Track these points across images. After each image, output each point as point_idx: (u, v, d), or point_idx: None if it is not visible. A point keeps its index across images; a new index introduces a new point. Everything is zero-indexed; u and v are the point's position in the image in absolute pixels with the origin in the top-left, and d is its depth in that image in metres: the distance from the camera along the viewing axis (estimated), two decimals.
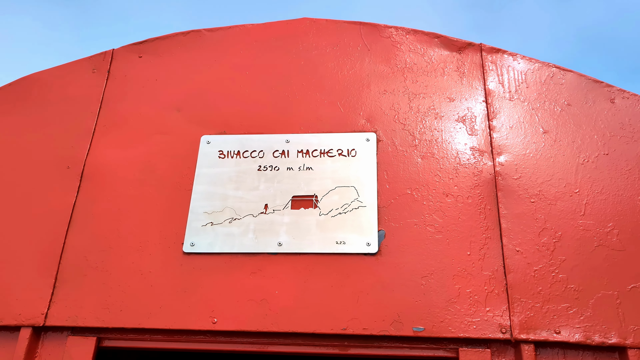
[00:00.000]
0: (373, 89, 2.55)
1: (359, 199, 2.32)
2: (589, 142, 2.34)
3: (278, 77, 2.65)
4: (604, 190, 2.23)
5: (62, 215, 2.38)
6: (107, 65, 2.73)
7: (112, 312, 2.19)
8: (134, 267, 2.26)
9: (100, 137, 2.56)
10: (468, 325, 2.04)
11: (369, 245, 2.21)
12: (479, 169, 2.31)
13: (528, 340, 2.00)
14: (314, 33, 2.74)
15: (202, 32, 2.79)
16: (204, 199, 2.39)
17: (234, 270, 2.23)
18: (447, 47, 2.61)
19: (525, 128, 2.38)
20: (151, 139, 2.53)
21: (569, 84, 2.47)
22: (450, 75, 2.54)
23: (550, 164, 2.30)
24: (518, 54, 2.56)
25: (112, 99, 2.65)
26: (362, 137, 2.44)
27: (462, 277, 2.11)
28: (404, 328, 2.05)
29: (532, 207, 2.21)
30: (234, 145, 2.50)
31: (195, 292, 2.19)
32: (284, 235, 2.27)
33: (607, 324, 2.02)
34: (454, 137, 2.39)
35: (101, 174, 2.46)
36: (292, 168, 2.42)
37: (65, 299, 2.22)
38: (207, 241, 2.29)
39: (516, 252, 2.14)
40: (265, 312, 2.13)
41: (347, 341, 2.11)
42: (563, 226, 2.18)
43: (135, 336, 2.19)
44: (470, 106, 2.45)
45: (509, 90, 2.47)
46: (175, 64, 2.72)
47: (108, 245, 2.32)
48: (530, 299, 2.06)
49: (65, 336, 2.20)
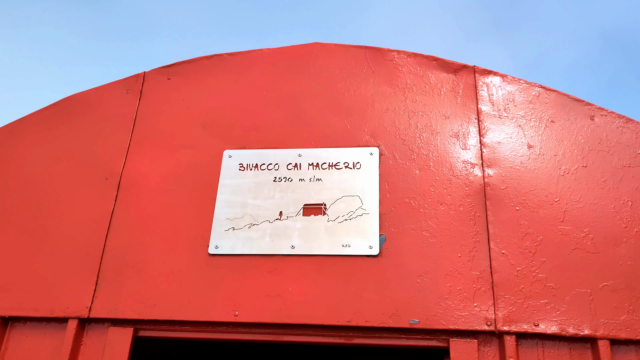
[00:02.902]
0: (377, 108, 2.84)
1: (363, 207, 2.61)
2: (569, 156, 2.61)
3: (291, 96, 2.95)
4: (581, 199, 2.50)
5: (102, 221, 2.71)
6: (139, 86, 3.06)
7: (147, 306, 2.51)
8: (166, 267, 2.58)
9: (134, 151, 2.88)
10: (458, 319, 2.32)
11: (371, 248, 2.50)
12: (470, 180, 2.59)
13: (510, 332, 2.28)
14: (324, 56, 3.04)
15: (223, 56, 3.10)
16: (226, 206, 2.70)
17: (252, 270, 2.53)
18: (443, 69, 2.89)
19: (513, 143, 2.65)
20: (179, 152, 2.85)
21: (552, 102, 2.73)
22: (446, 95, 2.82)
23: (534, 176, 2.57)
24: (508, 75, 2.84)
25: (144, 117, 2.97)
26: (366, 151, 2.74)
27: (453, 276, 2.40)
28: (401, 321, 2.34)
29: (516, 214, 2.49)
30: (252, 158, 2.81)
31: (219, 289, 2.50)
32: (297, 239, 2.57)
33: (580, 318, 2.29)
34: (449, 152, 2.68)
35: (136, 184, 2.79)
36: (304, 179, 2.72)
37: (106, 294, 2.55)
38: (229, 244, 2.60)
39: (502, 254, 2.42)
40: (280, 306, 2.44)
41: (352, 332, 2.40)
42: (544, 231, 2.45)
43: (167, 327, 2.51)
44: (463, 123, 2.73)
45: (499, 109, 2.74)
46: (200, 85, 3.03)
47: (143, 248, 2.64)
48: (513, 295, 2.34)
49: (107, 327, 2.53)
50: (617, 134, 2.64)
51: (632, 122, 2.66)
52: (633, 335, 2.24)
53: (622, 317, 2.28)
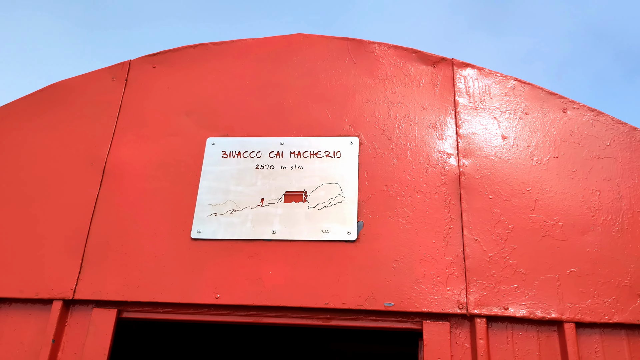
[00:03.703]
0: (357, 98, 2.92)
1: (342, 194, 2.69)
2: (542, 147, 2.70)
3: (274, 86, 3.01)
4: (552, 189, 2.60)
5: (87, 205, 2.77)
6: (125, 74, 3.11)
7: (131, 288, 2.57)
8: (149, 251, 2.64)
9: (119, 137, 2.93)
10: (431, 302, 2.42)
11: (349, 234, 2.58)
12: (446, 169, 2.68)
13: (481, 315, 2.38)
14: (307, 47, 3.10)
15: (208, 45, 3.16)
16: (209, 193, 2.77)
17: (234, 254, 2.61)
18: (423, 61, 2.97)
19: (488, 134, 2.74)
20: (164, 140, 2.91)
21: (527, 95, 2.83)
22: (425, 87, 2.90)
23: (507, 166, 2.66)
24: (485, 68, 2.92)
25: (129, 104, 3.02)
26: (346, 140, 2.81)
27: (428, 261, 2.49)
28: (377, 303, 2.43)
29: (490, 203, 2.59)
30: (235, 146, 2.88)
31: (201, 272, 2.57)
32: (278, 225, 2.65)
33: (548, 302, 2.39)
34: (426, 142, 2.76)
35: (120, 170, 2.84)
36: (285, 167, 2.79)
37: (90, 276, 2.61)
38: (211, 229, 2.67)
39: (474, 241, 2.51)
40: (260, 289, 2.51)
41: (329, 314, 2.49)
42: (515, 219, 2.55)
43: (150, 309, 2.58)
44: (441, 114, 2.82)
45: (475, 101, 2.83)
46: (185, 74, 3.09)
47: (127, 232, 2.70)
48: (484, 280, 2.44)
49: (91, 308, 2.59)
50: (587, 126, 2.74)
51: (602, 115, 2.76)
52: (597, 318, 2.35)
53: (587, 302, 2.38)
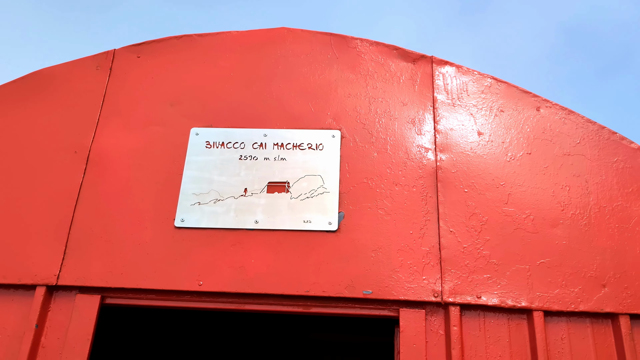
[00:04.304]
0: (339, 92, 2.99)
1: (324, 185, 2.76)
2: (516, 144, 2.82)
3: (258, 78, 3.07)
4: (524, 184, 2.72)
5: (71, 192, 2.79)
6: (109, 63, 3.12)
7: (114, 275, 2.61)
8: (133, 238, 2.68)
9: (103, 126, 2.96)
10: (407, 290, 2.51)
11: (331, 224, 2.66)
12: (424, 163, 2.78)
13: (455, 303, 2.49)
14: (291, 41, 3.16)
15: (193, 36, 3.19)
16: (192, 182, 2.82)
17: (217, 242, 2.67)
18: (403, 58, 3.05)
19: (464, 130, 2.85)
20: (148, 129, 2.94)
21: (503, 93, 2.94)
22: (405, 83, 2.99)
23: (482, 161, 2.77)
24: (463, 66, 3.02)
25: (113, 93, 3.04)
26: (328, 133, 2.89)
27: (405, 251, 2.59)
28: (355, 291, 2.52)
29: (465, 196, 2.69)
30: (219, 137, 2.93)
31: (185, 260, 2.62)
32: (260, 214, 2.72)
33: (518, 291, 2.51)
34: (405, 136, 2.85)
35: (105, 159, 2.87)
36: (269, 158, 2.85)
37: (74, 263, 2.64)
38: (195, 218, 2.72)
39: (450, 232, 2.61)
40: (243, 277, 2.58)
41: (310, 302, 2.57)
42: (489, 212, 2.66)
43: (134, 295, 2.63)
44: (420, 110, 2.91)
45: (453, 98, 2.93)
46: (169, 64, 3.12)
47: (110, 219, 2.73)
48: (458, 270, 2.54)
49: (74, 294, 2.62)
50: (559, 124, 2.86)
51: (574, 114, 2.88)
52: (564, 307, 2.48)
53: (556, 291, 2.51)
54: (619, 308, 2.48)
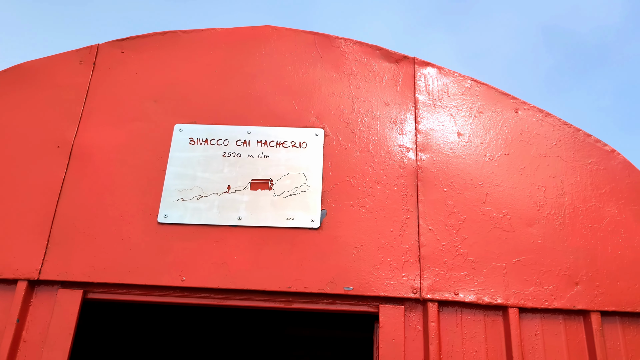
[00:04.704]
0: (323, 91, 3.03)
1: (307, 183, 2.80)
2: (494, 144, 2.89)
3: (243, 76, 3.09)
4: (502, 184, 2.79)
5: (54, 187, 2.79)
6: (92, 58, 3.12)
7: (97, 270, 2.62)
8: (116, 234, 2.69)
9: (86, 121, 2.95)
10: (387, 287, 2.57)
11: (313, 222, 2.70)
12: (405, 162, 2.83)
13: (433, 300, 2.55)
14: (275, 39, 3.19)
15: (177, 33, 3.20)
16: (176, 178, 2.83)
17: (200, 239, 2.69)
18: (386, 58, 3.10)
19: (444, 131, 2.91)
20: (131, 125, 2.95)
21: (482, 95, 3.00)
22: (387, 83, 3.04)
23: (461, 161, 2.84)
24: (444, 68, 3.08)
25: (97, 88, 3.04)
26: (312, 132, 2.93)
27: (385, 248, 2.64)
28: (337, 287, 2.56)
29: (444, 195, 2.75)
30: (202, 133, 2.95)
31: (168, 255, 2.64)
32: (243, 211, 2.75)
33: (495, 288, 2.58)
34: (387, 136, 2.90)
35: (88, 154, 2.87)
36: (252, 155, 2.88)
37: (56, 258, 2.64)
38: (178, 214, 2.74)
39: (429, 230, 2.68)
40: (226, 273, 2.61)
41: (291, 297, 2.61)
42: (467, 211, 2.73)
43: (116, 290, 2.64)
44: (401, 110, 2.96)
45: (434, 99, 2.99)
46: (153, 60, 3.12)
47: (93, 215, 2.74)
48: (437, 267, 2.61)
49: (56, 289, 2.62)
50: (537, 126, 2.94)
51: (551, 117, 2.96)
52: (538, 304, 2.56)
53: (530, 289, 2.59)
54: (590, 305, 2.57)
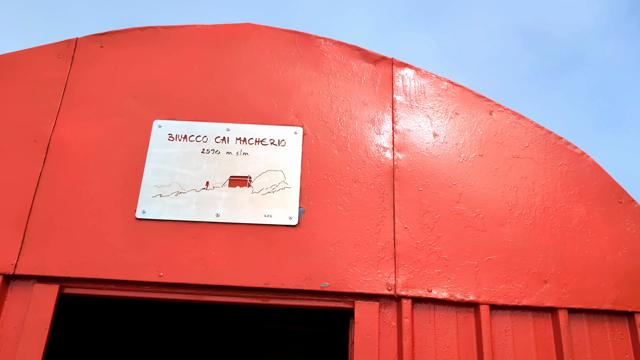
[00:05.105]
0: (302, 90, 3.06)
1: (285, 181, 2.84)
2: (468, 145, 2.96)
3: (222, 73, 3.11)
4: (475, 184, 2.86)
5: (30, 181, 2.77)
6: (71, 52, 3.10)
7: (74, 265, 2.62)
8: (93, 229, 2.69)
9: (64, 115, 2.94)
10: (363, 284, 2.62)
11: (291, 219, 2.74)
12: (382, 162, 2.89)
13: (407, 296, 2.61)
14: (256, 37, 3.21)
15: (157, 28, 3.20)
16: (154, 174, 2.84)
17: (178, 234, 2.71)
18: (365, 58, 3.15)
19: (421, 131, 2.97)
20: (110, 120, 2.94)
21: (458, 96, 3.07)
22: (366, 83, 3.08)
23: (437, 161, 2.90)
24: (421, 69, 3.14)
25: (75, 82, 3.02)
26: (291, 130, 2.96)
27: (361, 246, 2.69)
28: (313, 284, 2.61)
29: (419, 194, 2.81)
30: (181, 130, 2.96)
31: (145, 251, 2.66)
32: (222, 208, 2.77)
33: (467, 286, 2.65)
34: (365, 135, 2.95)
35: (65, 148, 2.86)
36: (231, 152, 2.90)
37: (32, 252, 2.63)
38: (156, 209, 2.75)
39: (404, 229, 2.73)
40: (203, 269, 2.63)
41: (268, 294, 2.65)
42: (442, 210, 2.79)
43: (93, 285, 2.64)
44: (379, 110, 3.02)
45: (411, 100, 3.05)
46: (133, 55, 3.12)
47: (70, 210, 2.73)
48: (411, 265, 2.67)
49: (32, 284, 2.62)
50: (510, 128, 3.02)
51: (524, 119, 3.04)
52: (508, 301, 2.64)
53: (501, 286, 2.66)
54: (558, 303, 2.66)
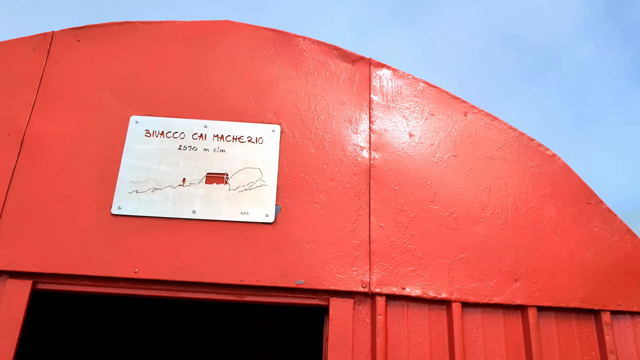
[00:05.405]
0: (280, 88, 3.08)
1: (262, 178, 2.85)
2: (443, 146, 3.01)
3: (200, 69, 3.11)
4: (449, 184, 2.92)
5: (3, 176, 2.74)
6: (47, 45, 3.07)
7: (47, 260, 2.60)
8: (68, 224, 2.68)
9: (39, 109, 2.91)
10: (338, 281, 2.65)
11: (267, 216, 2.76)
12: (359, 161, 2.92)
13: (381, 294, 2.65)
14: (234, 34, 3.22)
15: (136, 24, 3.18)
16: (130, 170, 2.83)
17: (154, 231, 2.70)
18: (343, 58, 3.18)
19: (397, 131, 3.01)
20: (86, 115, 2.92)
21: (434, 97, 3.12)
22: (343, 83, 3.12)
23: (412, 161, 2.95)
24: (398, 70, 3.18)
25: (51, 76, 3.00)
26: (268, 128, 2.97)
27: (337, 244, 2.72)
28: (289, 281, 2.63)
29: (395, 193, 2.86)
30: (159, 126, 2.95)
31: (120, 247, 2.65)
32: (198, 205, 2.77)
33: (440, 283, 2.70)
34: (342, 134, 2.98)
35: (40, 143, 2.83)
36: (208, 149, 2.91)
37: (5, 248, 2.61)
38: (132, 206, 2.75)
39: (379, 227, 2.77)
40: (179, 265, 2.64)
41: (244, 290, 2.66)
42: (416, 209, 2.84)
43: (67, 281, 2.63)
44: (357, 110, 3.05)
45: (388, 100, 3.09)
46: (110, 50, 3.10)
47: (44, 205, 2.71)
48: (386, 262, 2.71)
49: (4, 279, 2.59)
50: (484, 129, 3.08)
51: (497, 121, 3.11)
52: (480, 299, 2.70)
53: (473, 284, 2.72)
54: (528, 301, 2.72)
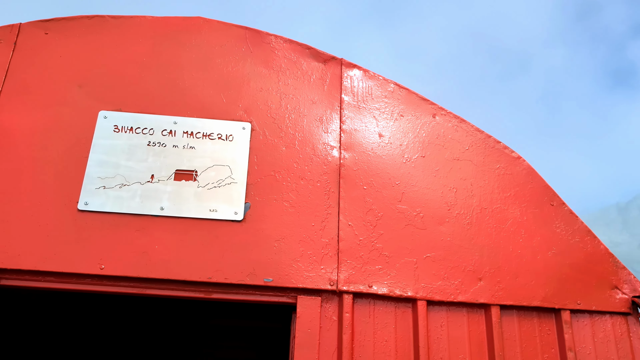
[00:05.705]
0: (252, 86, 3.08)
1: (232, 176, 2.85)
2: (412, 147, 3.05)
3: (171, 65, 3.09)
4: (417, 184, 2.96)
5: None
6: (14, 37, 3.01)
7: (10, 255, 2.56)
8: (32, 219, 2.63)
9: (4, 102, 2.86)
10: (306, 279, 2.67)
11: (236, 214, 2.76)
12: (329, 160, 2.95)
13: (348, 292, 2.68)
14: (206, 31, 3.21)
15: (106, 17, 3.15)
16: (98, 165, 2.80)
17: (121, 227, 2.68)
18: (315, 58, 3.20)
19: (367, 131, 3.05)
20: (54, 109, 2.88)
21: (403, 99, 3.16)
22: (315, 82, 3.13)
23: (381, 161, 2.98)
24: (369, 70, 3.22)
25: (17, 69, 2.94)
26: (239, 125, 2.98)
27: (306, 242, 2.74)
28: (257, 279, 2.64)
29: (364, 193, 2.89)
30: (128, 121, 2.92)
31: (87, 243, 2.62)
32: (166, 202, 2.76)
33: (406, 282, 2.75)
34: (313, 133, 3.00)
35: (5, 137, 2.78)
36: (178, 146, 2.90)
37: None
38: (99, 201, 2.72)
39: (348, 226, 2.80)
40: (146, 262, 2.62)
41: (212, 288, 2.66)
42: (384, 208, 2.88)
43: (31, 277, 2.59)
44: (327, 110, 3.07)
45: (358, 100, 3.12)
46: (79, 44, 3.06)
47: (8, 199, 2.66)
48: (354, 261, 2.74)
49: None
50: (452, 131, 3.13)
51: (465, 123, 3.17)
52: (445, 297, 2.75)
53: (438, 283, 2.77)
54: (491, 299, 2.79)
